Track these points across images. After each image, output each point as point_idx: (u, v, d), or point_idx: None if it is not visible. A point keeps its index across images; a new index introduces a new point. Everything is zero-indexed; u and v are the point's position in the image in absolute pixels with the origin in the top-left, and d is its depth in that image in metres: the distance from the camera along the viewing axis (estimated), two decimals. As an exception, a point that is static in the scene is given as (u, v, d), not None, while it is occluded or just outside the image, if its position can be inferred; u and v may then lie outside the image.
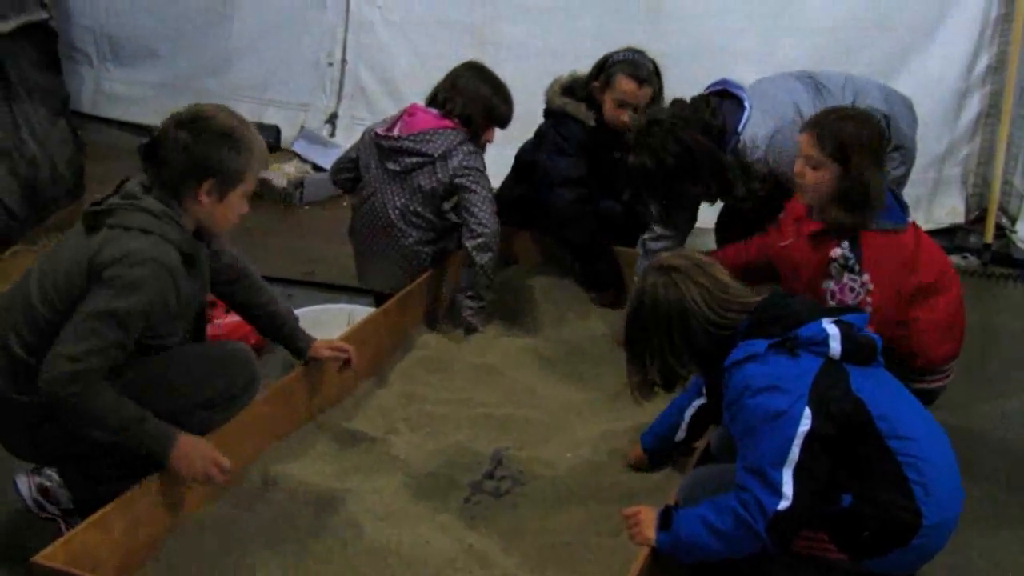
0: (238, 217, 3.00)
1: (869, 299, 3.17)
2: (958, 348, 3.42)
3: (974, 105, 5.61)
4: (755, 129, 3.77)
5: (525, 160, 4.60)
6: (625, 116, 4.21)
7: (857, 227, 3.22)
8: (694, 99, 3.88)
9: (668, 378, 2.71)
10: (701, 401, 3.09)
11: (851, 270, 3.19)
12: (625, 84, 4.22)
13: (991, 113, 5.60)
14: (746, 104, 3.82)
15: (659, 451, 3.22)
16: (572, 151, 4.31)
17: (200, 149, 2.83)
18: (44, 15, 5.55)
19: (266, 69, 6.96)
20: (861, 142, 3.19)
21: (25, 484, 3.00)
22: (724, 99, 3.88)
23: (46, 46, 5.64)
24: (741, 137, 3.78)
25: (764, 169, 3.80)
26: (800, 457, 2.41)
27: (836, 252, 3.21)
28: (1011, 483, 3.48)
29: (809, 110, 3.85)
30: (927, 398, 3.33)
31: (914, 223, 3.39)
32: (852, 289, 3.17)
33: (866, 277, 3.17)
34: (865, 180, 3.17)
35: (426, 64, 5.88)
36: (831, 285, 3.23)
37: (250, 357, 3.19)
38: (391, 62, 6.50)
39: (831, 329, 2.52)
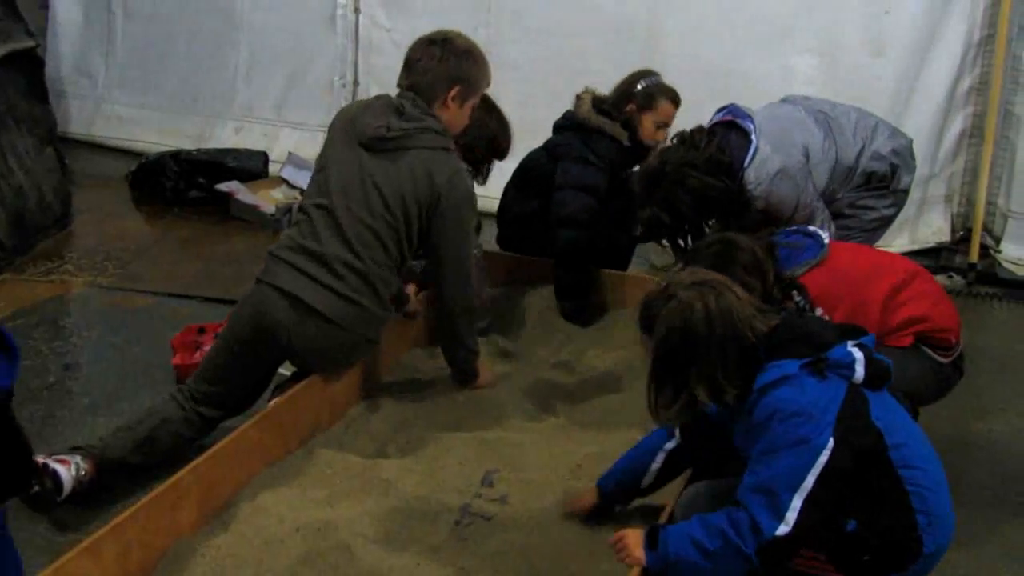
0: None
1: None
2: (955, 312, 3.37)
3: (957, 126, 5.67)
4: (761, 165, 3.79)
5: (537, 172, 4.60)
6: (662, 135, 4.48)
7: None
8: (695, 132, 3.87)
9: (717, 398, 2.55)
10: (672, 445, 2.94)
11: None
12: (668, 108, 4.55)
13: (974, 134, 5.66)
14: (753, 138, 3.83)
15: (619, 497, 3.07)
16: (601, 164, 4.44)
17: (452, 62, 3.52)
18: (31, 43, 5.57)
19: (278, 91, 7.01)
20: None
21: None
22: (731, 130, 3.89)
23: (33, 74, 5.65)
24: (746, 171, 3.79)
25: (762, 205, 3.83)
26: (813, 487, 2.38)
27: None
28: (997, 500, 3.50)
29: (818, 155, 3.89)
30: (958, 375, 3.38)
31: (852, 245, 3.56)
32: None
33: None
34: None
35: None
36: None
37: None
38: (400, 82, 6.54)
39: (856, 353, 2.50)
